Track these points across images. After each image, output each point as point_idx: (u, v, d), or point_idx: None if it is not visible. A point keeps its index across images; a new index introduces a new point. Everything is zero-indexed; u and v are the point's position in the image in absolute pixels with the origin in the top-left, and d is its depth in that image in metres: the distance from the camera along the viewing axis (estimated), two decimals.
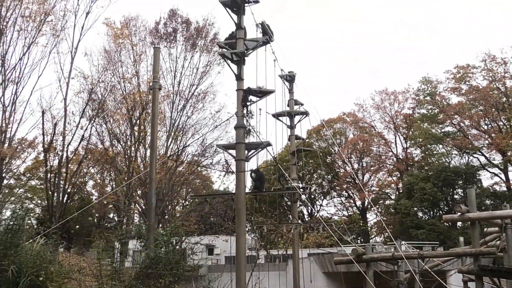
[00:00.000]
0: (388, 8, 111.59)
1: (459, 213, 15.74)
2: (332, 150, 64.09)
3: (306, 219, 58.72)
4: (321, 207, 66.79)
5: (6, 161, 32.17)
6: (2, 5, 32.57)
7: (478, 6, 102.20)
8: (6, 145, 31.48)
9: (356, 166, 63.55)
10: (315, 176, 66.21)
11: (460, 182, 51.24)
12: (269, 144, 17.89)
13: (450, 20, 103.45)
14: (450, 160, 57.26)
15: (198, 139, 39.02)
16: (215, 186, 60.31)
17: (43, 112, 33.55)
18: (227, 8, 17.90)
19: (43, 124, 33.50)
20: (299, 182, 30.98)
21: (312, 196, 65.89)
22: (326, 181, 62.17)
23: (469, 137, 53.34)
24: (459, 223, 47.06)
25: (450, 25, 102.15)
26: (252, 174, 18.69)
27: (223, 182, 52.60)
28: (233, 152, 17.81)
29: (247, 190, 18.02)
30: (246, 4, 18.11)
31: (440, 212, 51.59)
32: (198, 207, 45.74)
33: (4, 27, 32.61)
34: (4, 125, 31.80)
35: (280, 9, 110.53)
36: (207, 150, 40.10)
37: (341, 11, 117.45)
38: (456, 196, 52.10)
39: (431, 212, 52.37)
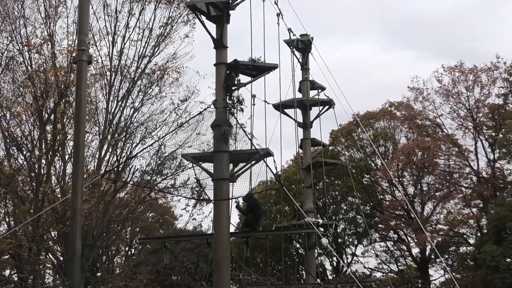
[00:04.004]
0: None
1: None
2: (373, 164, 63.73)
3: (330, 277, 58.34)
4: (355, 258, 66.08)
5: None
6: None
7: None
8: None
9: (411, 190, 63.04)
10: (345, 207, 65.52)
11: None
12: (268, 154, 18.14)
13: None
14: None
15: (151, 145, 38.51)
16: (180, 223, 59.87)
17: None
18: None
19: None
20: (318, 216, 32.18)
21: (340, 240, 65.08)
22: (362, 215, 60.91)
23: None
24: None
25: None
26: (241, 203, 19.06)
27: (193, 216, 47.47)
28: (209, 166, 18.13)
29: (232, 229, 18.36)
30: None
31: None
32: (151, 257, 45.60)
33: None
34: None
35: None
36: (166, 164, 39.83)
37: None
38: None
39: None
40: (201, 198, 36.29)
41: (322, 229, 29.78)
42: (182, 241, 42.59)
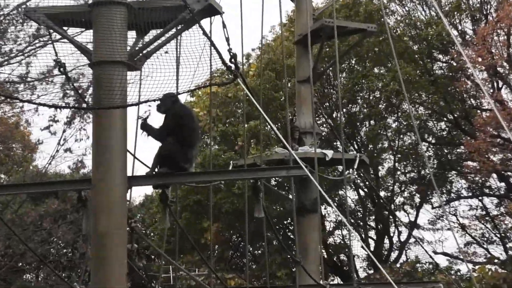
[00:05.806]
0: None
1: None
2: (454, 35, 46.09)
3: (364, 274, 51.04)
4: (415, 232, 49.21)
5: None
6: None
7: None
8: None
9: None
10: (394, 125, 48.48)
11: None
12: (212, 10, 15.64)
13: None
14: None
15: None
16: (39, 159, 54.58)
17: None
18: None
19: None
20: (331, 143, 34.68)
21: (384, 194, 48.44)
22: (426, 142, 47.10)
23: None
24: None
25: None
26: (147, 114, 16.21)
27: (65, 145, 42.89)
28: (86, 36, 16.09)
29: (136, 171, 17.69)
30: None
31: None
32: None
33: None
34: None
35: None
36: (8, 33, 36.29)
37: None
38: None
39: None
40: (73, 106, 35.85)
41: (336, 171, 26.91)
42: (33, 195, 40.05)
